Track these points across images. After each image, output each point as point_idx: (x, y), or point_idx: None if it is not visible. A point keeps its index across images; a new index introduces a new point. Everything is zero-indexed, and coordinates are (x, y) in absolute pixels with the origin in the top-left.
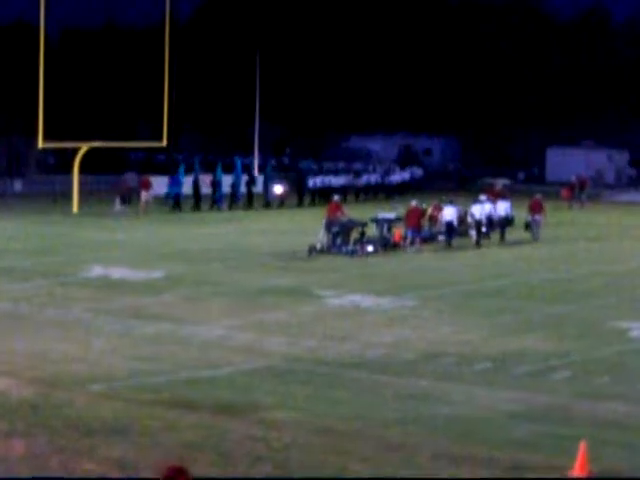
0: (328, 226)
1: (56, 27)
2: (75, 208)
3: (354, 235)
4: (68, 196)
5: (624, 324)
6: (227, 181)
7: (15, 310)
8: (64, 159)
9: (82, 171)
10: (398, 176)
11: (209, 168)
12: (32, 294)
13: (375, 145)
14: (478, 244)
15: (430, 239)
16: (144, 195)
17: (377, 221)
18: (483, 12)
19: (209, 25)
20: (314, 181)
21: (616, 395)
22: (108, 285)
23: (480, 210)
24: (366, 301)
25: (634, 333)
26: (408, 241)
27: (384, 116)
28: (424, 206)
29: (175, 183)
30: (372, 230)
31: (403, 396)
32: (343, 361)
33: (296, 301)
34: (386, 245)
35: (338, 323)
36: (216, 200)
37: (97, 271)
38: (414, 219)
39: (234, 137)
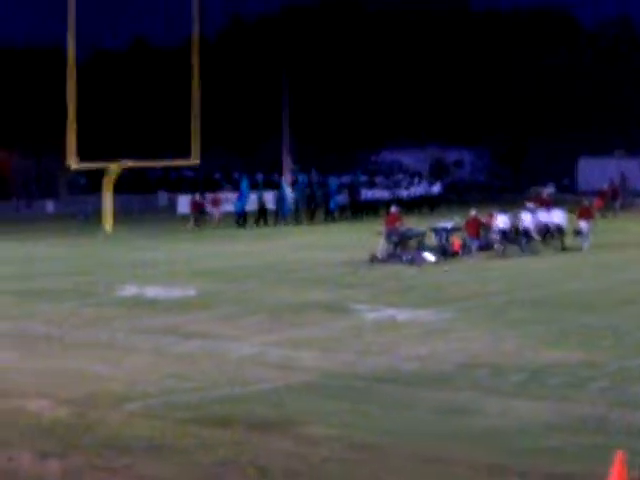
0: (388, 236)
1: (85, 48)
2: (108, 227)
3: (413, 244)
4: (100, 217)
5: None
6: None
7: (49, 331)
8: (95, 180)
9: (114, 191)
10: (418, 190)
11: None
12: (66, 315)
13: (407, 158)
14: (524, 251)
15: (486, 247)
16: (216, 212)
17: (436, 230)
18: (510, 21)
19: (237, 44)
20: (366, 194)
21: None
22: (142, 304)
23: (529, 218)
24: (401, 314)
25: None
26: (472, 249)
27: (414, 129)
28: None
29: (241, 199)
30: (431, 239)
31: (439, 409)
32: (378, 375)
33: (330, 316)
34: (445, 254)
35: (374, 337)
36: (283, 215)
37: (131, 290)
38: (474, 228)
39: (262, 155)
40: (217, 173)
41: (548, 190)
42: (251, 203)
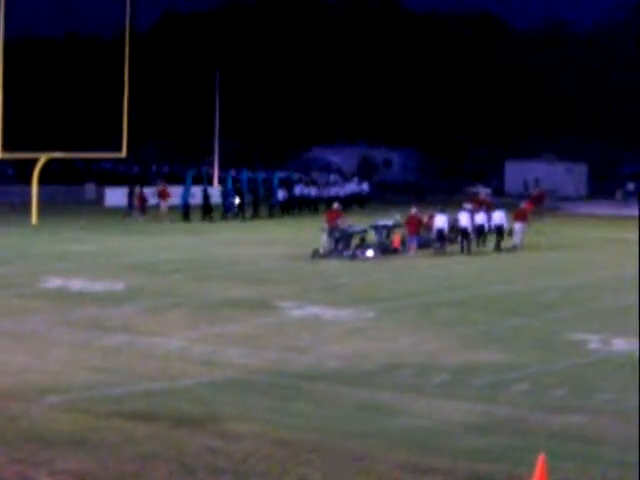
0: (330, 232)
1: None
2: (34, 219)
3: (355, 241)
4: (26, 207)
5: (581, 336)
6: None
7: None
8: (23, 170)
9: (41, 182)
10: (348, 188)
11: (169, 180)
12: None
13: (335, 157)
14: (463, 251)
15: (425, 245)
16: (162, 205)
17: (376, 228)
18: (441, 23)
19: (169, 37)
20: (301, 191)
21: (574, 407)
22: (67, 297)
23: (467, 218)
24: (326, 313)
25: (591, 346)
26: (409, 247)
27: (345, 127)
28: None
29: (185, 193)
30: (372, 236)
31: (363, 408)
32: (302, 372)
33: (255, 313)
34: (386, 250)
35: (298, 334)
36: (227, 209)
37: (56, 282)
38: (414, 226)
39: (192, 149)
40: (153, 166)
41: (485, 191)
42: (195, 197)
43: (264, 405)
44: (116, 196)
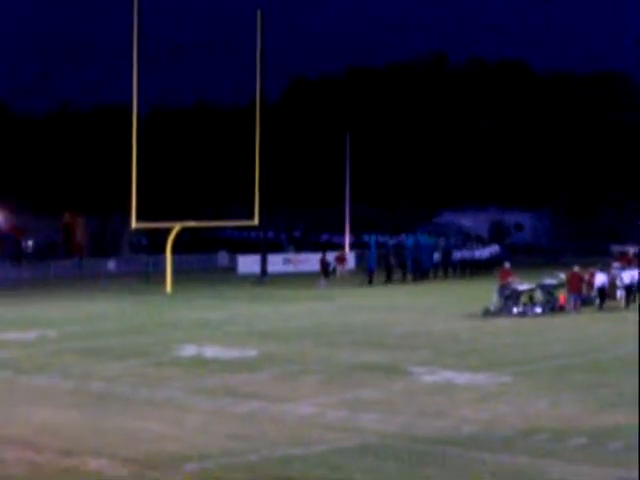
0: (501, 290)
1: (148, 107)
2: (168, 288)
3: (523, 299)
4: (161, 276)
5: None
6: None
7: (108, 390)
8: (157, 240)
9: (175, 251)
10: (479, 252)
11: (300, 246)
12: (125, 373)
13: (466, 220)
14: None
15: (587, 302)
16: (339, 269)
17: (542, 287)
18: (569, 82)
19: (298, 105)
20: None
21: None
22: (201, 364)
23: (629, 276)
24: (460, 377)
25: None
26: (571, 304)
27: (475, 191)
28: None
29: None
30: (538, 295)
31: (498, 474)
32: (436, 438)
33: (388, 378)
34: (552, 308)
35: (431, 399)
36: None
37: (190, 350)
38: (576, 284)
39: (324, 216)
40: (282, 234)
41: (632, 249)
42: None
43: (398, 471)
44: (249, 263)
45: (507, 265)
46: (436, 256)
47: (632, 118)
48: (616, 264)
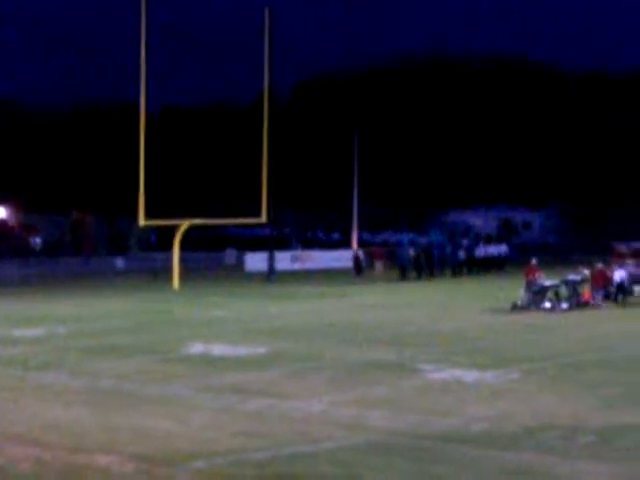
0: (528, 286)
1: (156, 105)
2: (176, 285)
3: (549, 294)
4: (168, 273)
5: None
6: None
7: (117, 387)
8: (165, 238)
9: (182, 248)
10: (483, 250)
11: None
12: (134, 371)
13: (474, 219)
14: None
15: (609, 297)
16: (378, 265)
17: (567, 282)
18: (578, 83)
19: (307, 104)
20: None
21: None
22: (209, 361)
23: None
24: (469, 375)
25: None
26: (598, 299)
27: (483, 190)
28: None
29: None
30: (562, 290)
31: (507, 471)
32: (446, 435)
33: (397, 376)
34: (578, 304)
35: (440, 397)
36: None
37: (198, 348)
38: (600, 280)
39: (332, 214)
40: (285, 229)
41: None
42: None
43: (406, 468)
44: (256, 261)
45: (534, 261)
46: (461, 254)
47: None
48: (630, 261)
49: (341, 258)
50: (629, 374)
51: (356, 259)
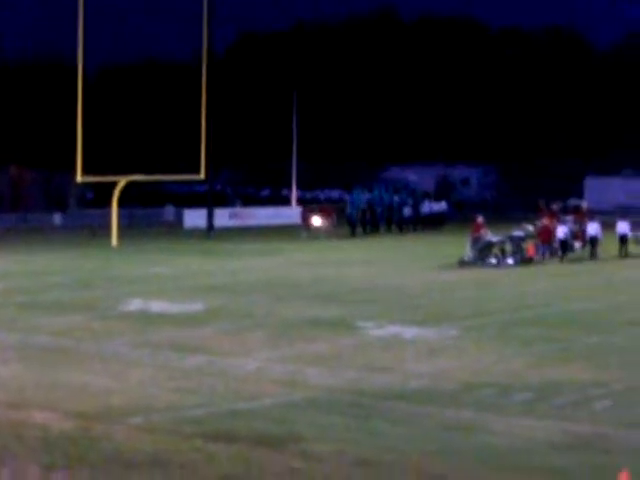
0: (474, 242)
1: (94, 62)
2: (114, 242)
3: (494, 250)
4: (106, 230)
5: None
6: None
7: (54, 344)
8: (102, 194)
9: (120, 205)
10: (427, 207)
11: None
12: (71, 327)
13: (413, 175)
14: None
15: (554, 253)
16: (324, 222)
17: (512, 238)
18: (521, 41)
19: (245, 60)
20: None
21: None
22: (147, 318)
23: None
24: (408, 332)
25: None
26: (541, 255)
27: (421, 146)
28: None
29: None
30: (507, 246)
31: (444, 427)
32: (383, 392)
33: (336, 333)
34: (522, 259)
35: (379, 354)
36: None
37: (136, 304)
38: (547, 235)
39: (269, 171)
40: (227, 188)
41: (585, 203)
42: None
43: (344, 425)
44: (195, 217)
45: (480, 218)
46: (407, 211)
47: (586, 77)
48: (569, 217)
49: (281, 215)
50: (564, 331)
51: (304, 214)
